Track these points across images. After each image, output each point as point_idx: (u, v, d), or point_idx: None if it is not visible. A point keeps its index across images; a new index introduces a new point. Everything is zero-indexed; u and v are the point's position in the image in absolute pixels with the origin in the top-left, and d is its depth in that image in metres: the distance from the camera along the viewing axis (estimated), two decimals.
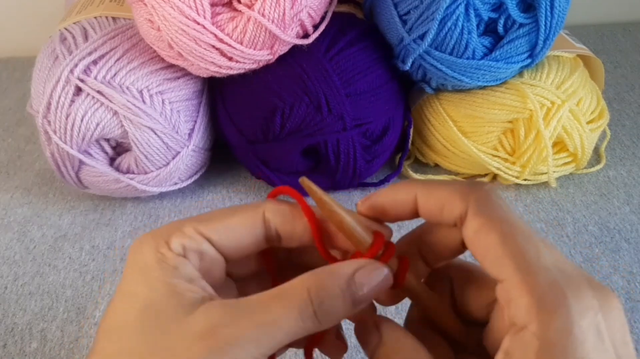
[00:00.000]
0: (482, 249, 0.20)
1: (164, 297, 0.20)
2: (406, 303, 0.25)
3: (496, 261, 0.19)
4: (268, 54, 0.47)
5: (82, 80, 0.46)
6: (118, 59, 0.47)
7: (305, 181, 0.22)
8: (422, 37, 0.48)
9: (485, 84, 0.51)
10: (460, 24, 0.46)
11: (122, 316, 0.21)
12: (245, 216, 0.23)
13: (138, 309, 0.20)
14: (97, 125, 0.47)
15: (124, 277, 0.22)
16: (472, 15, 0.46)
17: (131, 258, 0.22)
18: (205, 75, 0.49)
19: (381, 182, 0.56)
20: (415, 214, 0.23)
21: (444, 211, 0.22)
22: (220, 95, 0.53)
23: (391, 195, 0.24)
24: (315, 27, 0.49)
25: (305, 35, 0.49)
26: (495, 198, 0.21)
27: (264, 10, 0.43)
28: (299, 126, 0.49)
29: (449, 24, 0.46)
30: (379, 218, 0.24)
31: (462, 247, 0.23)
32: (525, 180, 0.53)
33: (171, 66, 0.49)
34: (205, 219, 0.23)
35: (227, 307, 0.20)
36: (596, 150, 0.58)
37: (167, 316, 0.20)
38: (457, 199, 0.21)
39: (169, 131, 0.49)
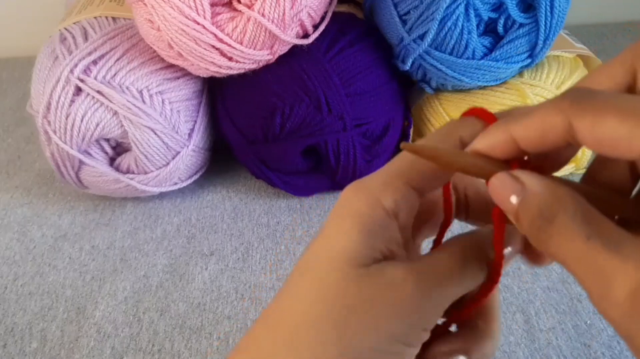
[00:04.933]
0: None
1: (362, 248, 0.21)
2: None
3: None
4: (268, 54, 0.47)
5: (82, 80, 0.46)
6: (118, 59, 0.47)
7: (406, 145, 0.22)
8: (422, 37, 0.48)
9: (485, 84, 0.51)
10: (460, 24, 0.46)
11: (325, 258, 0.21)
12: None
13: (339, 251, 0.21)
14: (97, 125, 0.47)
15: (329, 222, 0.22)
16: (472, 15, 0.46)
17: (344, 206, 0.22)
18: (205, 75, 0.49)
19: None
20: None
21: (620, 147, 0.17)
22: (220, 95, 0.53)
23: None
24: (315, 27, 0.49)
25: (305, 35, 0.49)
26: None
27: (263, 10, 0.43)
28: (299, 126, 0.49)
29: (449, 24, 0.46)
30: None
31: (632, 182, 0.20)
32: None
33: (171, 66, 0.49)
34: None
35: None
36: None
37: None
38: None
39: (169, 131, 0.49)
